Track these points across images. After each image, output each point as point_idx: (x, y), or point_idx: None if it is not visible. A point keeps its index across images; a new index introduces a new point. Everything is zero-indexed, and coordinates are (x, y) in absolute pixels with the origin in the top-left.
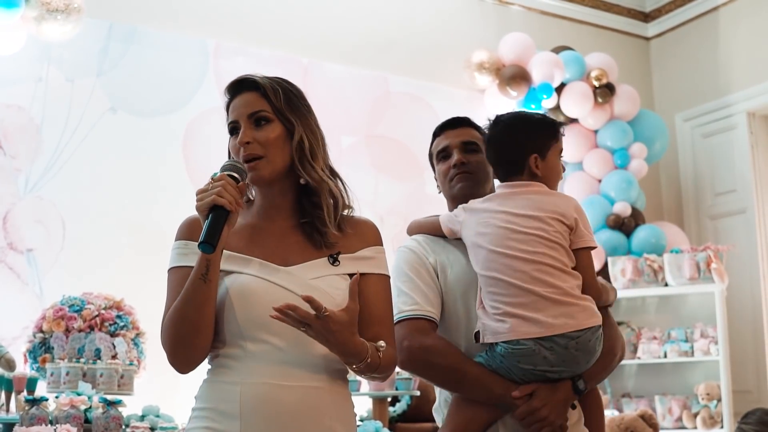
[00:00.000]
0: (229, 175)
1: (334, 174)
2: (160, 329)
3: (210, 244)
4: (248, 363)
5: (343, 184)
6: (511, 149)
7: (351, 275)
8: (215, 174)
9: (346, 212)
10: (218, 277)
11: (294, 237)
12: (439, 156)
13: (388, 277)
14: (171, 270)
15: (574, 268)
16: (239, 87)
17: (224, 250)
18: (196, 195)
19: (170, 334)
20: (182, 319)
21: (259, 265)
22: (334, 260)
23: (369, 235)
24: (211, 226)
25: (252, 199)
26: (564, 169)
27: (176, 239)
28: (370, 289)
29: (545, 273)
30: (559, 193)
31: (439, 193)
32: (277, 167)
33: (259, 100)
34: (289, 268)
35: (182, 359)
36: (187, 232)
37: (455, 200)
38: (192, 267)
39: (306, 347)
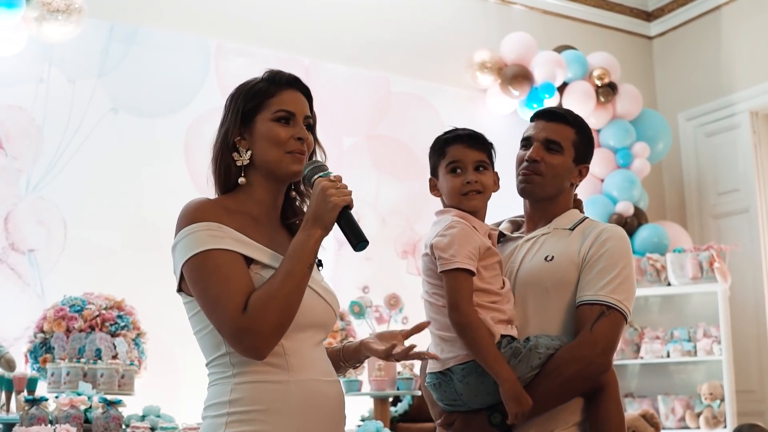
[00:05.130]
0: None
1: None
2: (247, 311)
3: (367, 241)
4: (291, 360)
5: None
6: None
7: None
8: (328, 172)
9: None
10: None
11: (285, 235)
12: (521, 143)
13: None
14: (216, 252)
15: None
16: (296, 84)
17: (254, 241)
18: (329, 190)
19: (273, 318)
20: (290, 306)
21: None
22: (319, 264)
23: None
24: (356, 224)
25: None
26: (466, 181)
27: (199, 221)
28: None
29: (430, 310)
30: (440, 218)
31: None
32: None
33: (309, 108)
34: None
35: (273, 344)
36: (210, 214)
37: (520, 194)
38: (234, 252)
39: (326, 345)
